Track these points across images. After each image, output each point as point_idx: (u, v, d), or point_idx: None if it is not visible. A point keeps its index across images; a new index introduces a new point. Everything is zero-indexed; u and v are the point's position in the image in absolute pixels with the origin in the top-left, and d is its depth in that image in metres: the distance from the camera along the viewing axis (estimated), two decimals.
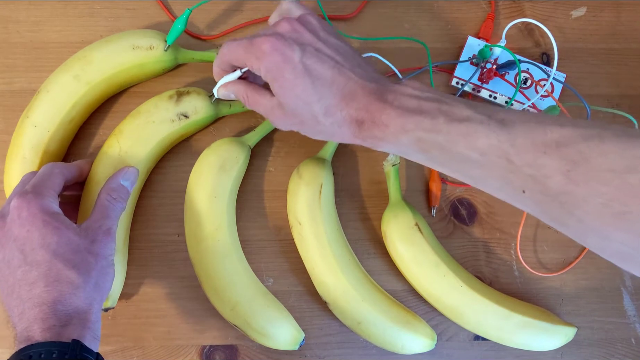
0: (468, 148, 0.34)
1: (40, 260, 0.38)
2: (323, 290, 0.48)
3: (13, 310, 0.38)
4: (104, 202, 0.42)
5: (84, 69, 0.47)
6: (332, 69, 0.38)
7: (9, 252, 0.39)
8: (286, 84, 0.38)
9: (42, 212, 0.39)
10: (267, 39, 0.38)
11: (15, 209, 0.39)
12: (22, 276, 0.38)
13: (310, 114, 0.38)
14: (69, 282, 0.38)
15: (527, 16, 0.55)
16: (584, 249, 0.52)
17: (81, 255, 0.39)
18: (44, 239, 0.38)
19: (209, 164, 0.47)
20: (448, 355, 0.50)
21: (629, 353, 0.51)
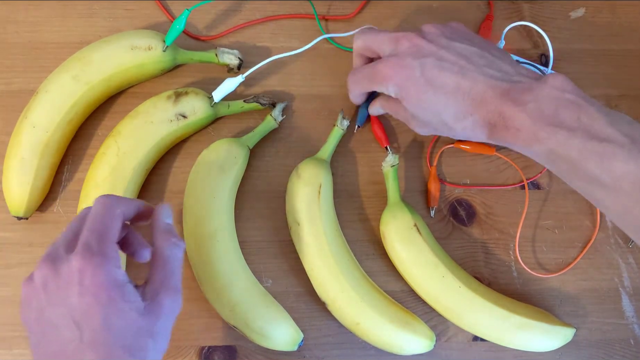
0: (601, 169, 0.33)
1: (99, 343, 0.33)
2: (322, 291, 0.48)
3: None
4: (164, 252, 0.36)
5: (82, 69, 0.47)
6: (456, 74, 0.37)
7: (60, 318, 0.34)
8: (412, 99, 0.39)
9: (108, 285, 0.33)
10: (387, 63, 0.40)
11: (77, 271, 0.33)
12: (76, 352, 0.33)
13: (441, 122, 0.39)
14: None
15: (526, 17, 0.55)
16: (582, 249, 0.52)
17: (141, 340, 0.34)
18: (107, 320, 0.33)
19: (208, 165, 0.47)
20: (447, 355, 0.50)
21: (628, 354, 0.51)
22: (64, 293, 0.34)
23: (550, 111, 0.35)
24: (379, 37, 0.43)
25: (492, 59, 0.39)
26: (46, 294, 0.34)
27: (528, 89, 0.36)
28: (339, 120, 0.49)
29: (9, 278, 0.49)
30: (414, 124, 0.42)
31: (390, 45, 0.41)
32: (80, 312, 0.33)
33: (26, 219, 0.48)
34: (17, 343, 0.48)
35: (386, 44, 0.42)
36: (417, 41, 0.40)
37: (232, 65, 0.51)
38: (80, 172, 0.51)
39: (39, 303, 0.35)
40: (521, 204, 0.52)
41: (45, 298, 0.34)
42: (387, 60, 0.40)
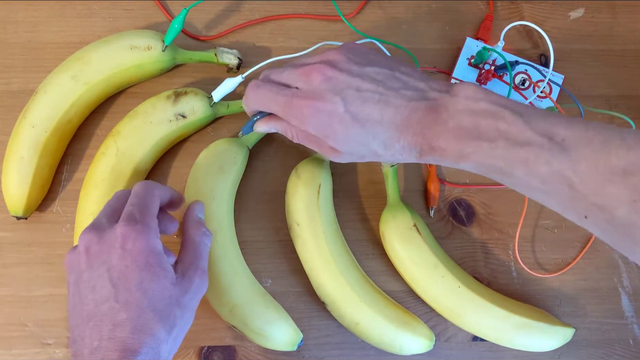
0: (528, 174, 0.33)
1: (132, 303, 0.35)
2: (321, 291, 0.48)
3: (84, 339, 0.35)
4: (195, 238, 0.41)
5: (81, 69, 0.47)
6: (378, 103, 0.37)
7: (98, 278, 0.36)
8: (339, 136, 0.38)
9: (148, 252, 0.37)
10: (305, 102, 0.38)
11: (120, 236, 0.37)
12: (108, 312, 0.35)
13: (369, 151, 0.38)
14: (154, 335, 0.35)
15: (526, 17, 0.55)
16: (582, 249, 0.52)
17: (171, 308, 0.37)
18: (142, 283, 0.36)
19: (207, 165, 0.47)
20: (446, 355, 0.50)
21: (627, 354, 0.51)
22: (105, 256, 0.37)
23: (470, 125, 0.34)
24: (285, 75, 0.40)
25: (405, 79, 0.38)
26: (88, 257, 0.37)
27: (444, 106, 0.36)
28: None
29: (8, 278, 0.49)
30: (333, 155, 0.40)
31: (301, 80, 0.39)
32: (118, 273, 0.36)
33: (25, 218, 0.48)
34: (17, 343, 0.48)
35: (296, 80, 0.39)
36: (330, 73, 0.38)
37: (232, 65, 0.50)
38: (79, 172, 0.51)
39: (80, 266, 0.37)
40: (520, 204, 0.51)
41: (86, 260, 0.37)
42: (304, 98, 0.38)
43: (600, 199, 0.31)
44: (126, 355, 0.34)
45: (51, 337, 0.48)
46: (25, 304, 0.49)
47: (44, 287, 0.49)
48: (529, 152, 0.33)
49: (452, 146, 0.35)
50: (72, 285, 0.38)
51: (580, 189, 0.31)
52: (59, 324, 0.49)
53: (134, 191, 0.40)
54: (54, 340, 0.48)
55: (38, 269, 0.49)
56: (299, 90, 0.39)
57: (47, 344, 0.48)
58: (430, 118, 0.36)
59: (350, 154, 0.39)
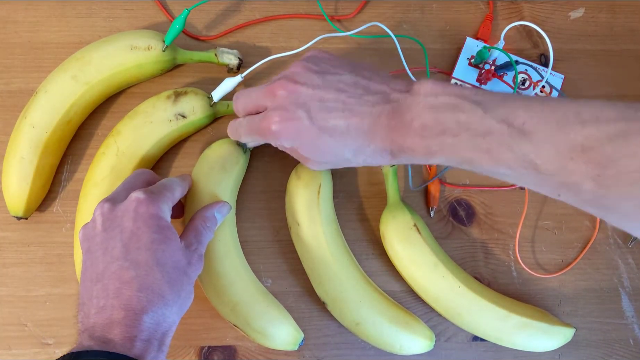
0: (495, 163, 0.34)
1: (141, 262, 0.36)
2: (321, 291, 0.47)
3: (92, 300, 0.36)
4: (199, 227, 0.42)
5: (82, 69, 0.47)
6: (342, 113, 0.37)
7: (111, 240, 0.37)
8: (309, 147, 0.39)
9: (159, 217, 0.38)
10: (271, 118, 0.39)
11: (134, 201, 0.38)
12: (117, 270, 0.36)
13: (342, 159, 0.39)
14: (161, 296, 0.36)
15: (526, 17, 0.55)
16: (582, 249, 0.52)
17: (178, 273, 0.38)
18: (152, 244, 0.37)
19: (209, 165, 0.47)
20: (446, 355, 0.50)
21: (627, 354, 0.51)
22: (118, 220, 0.38)
23: (432, 122, 0.35)
24: (254, 96, 0.42)
25: (367, 83, 0.38)
26: (102, 222, 0.39)
27: (406, 106, 0.36)
28: None
29: (7, 278, 0.49)
30: (310, 164, 0.42)
31: (267, 99, 0.40)
32: (130, 234, 0.37)
33: (25, 218, 0.48)
34: (16, 343, 0.48)
35: (263, 99, 0.41)
36: (291, 87, 0.39)
37: (232, 65, 0.51)
38: (79, 172, 0.51)
39: (94, 232, 0.39)
40: (520, 204, 0.51)
41: (100, 225, 0.39)
42: (270, 116, 0.39)
43: (566, 178, 0.32)
44: (132, 314, 0.35)
45: (51, 337, 0.48)
46: (25, 304, 0.49)
47: (44, 287, 0.49)
48: (491, 141, 0.33)
49: (420, 145, 0.35)
50: (85, 252, 0.39)
51: (545, 171, 0.32)
52: (58, 323, 0.49)
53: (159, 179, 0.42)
54: (53, 340, 0.48)
55: (37, 269, 0.49)
56: (266, 111, 0.40)
57: (46, 344, 0.48)
58: (395, 121, 0.36)
59: (325, 162, 0.41)
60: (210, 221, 0.43)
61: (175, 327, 0.38)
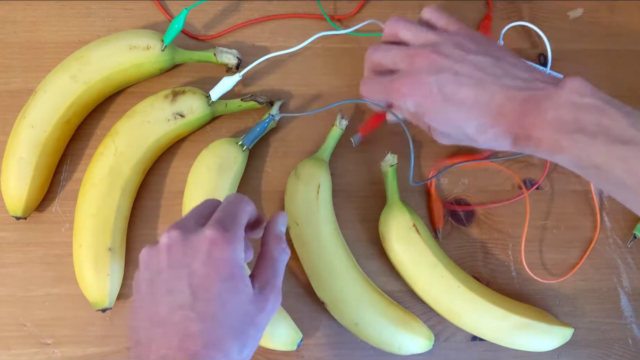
0: (627, 172, 0.33)
1: (209, 315, 0.33)
2: (320, 291, 0.47)
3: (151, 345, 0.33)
4: (274, 253, 0.38)
5: (81, 69, 0.47)
6: (474, 88, 0.37)
7: (176, 281, 0.34)
8: (432, 115, 0.39)
9: (232, 263, 0.35)
10: (403, 81, 0.40)
11: (208, 241, 0.34)
12: (182, 320, 0.33)
13: (464, 135, 0.39)
14: (226, 353, 0.33)
15: (525, 17, 0.55)
16: (582, 249, 0.52)
17: (245, 327, 0.35)
18: (222, 295, 0.34)
19: (207, 165, 0.47)
20: (445, 355, 0.50)
21: (626, 354, 0.51)
22: (188, 259, 0.34)
23: (570, 118, 0.34)
24: (392, 54, 0.42)
25: (508, 68, 0.38)
26: (169, 255, 0.35)
27: (546, 97, 0.36)
28: (337, 120, 0.49)
29: (6, 278, 0.49)
30: (435, 135, 0.42)
31: (405, 62, 0.41)
32: (199, 280, 0.34)
33: (24, 218, 0.48)
34: (16, 343, 0.48)
35: (400, 61, 0.41)
36: (432, 57, 0.39)
37: (231, 65, 0.50)
38: (78, 172, 0.51)
39: (159, 264, 0.35)
40: (520, 204, 0.51)
41: (167, 259, 0.35)
42: (402, 78, 0.40)
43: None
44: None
45: (50, 336, 0.48)
46: (24, 303, 0.49)
47: (43, 286, 0.49)
48: (630, 150, 0.33)
49: (549, 137, 0.35)
50: (146, 283, 0.35)
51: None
52: (57, 323, 0.49)
53: (226, 199, 0.38)
54: (52, 340, 0.48)
55: (36, 269, 0.49)
56: (399, 73, 0.41)
57: (45, 344, 0.48)
58: (528, 107, 0.36)
59: (447, 135, 0.41)
60: (282, 240, 0.39)
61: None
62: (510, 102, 0.36)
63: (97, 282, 0.46)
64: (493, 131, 0.37)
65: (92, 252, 0.46)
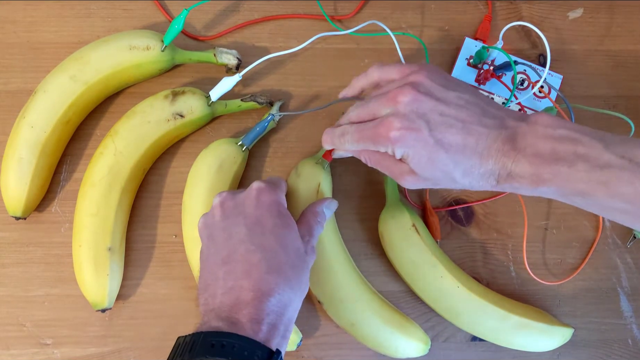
0: (610, 196, 0.34)
1: (267, 245, 0.38)
2: (318, 290, 0.47)
3: (218, 281, 0.37)
4: (311, 221, 0.43)
5: (80, 69, 0.47)
6: (461, 131, 0.37)
7: (235, 226, 0.39)
8: (422, 160, 0.38)
9: (280, 204, 0.41)
10: (391, 124, 0.38)
11: (255, 189, 0.41)
12: (244, 253, 0.38)
13: (448, 178, 0.38)
14: (286, 279, 0.37)
15: (524, 17, 0.55)
16: (581, 249, 0.52)
17: (299, 259, 0.39)
18: (275, 228, 0.39)
19: (207, 165, 0.47)
20: (445, 356, 0.50)
21: (626, 354, 0.51)
22: (240, 207, 0.40)
23: (548, 150, 0.35)
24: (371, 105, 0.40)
25: (485, 106, 0.38)
26: (223, 210, 0.41)
27: (522, 134, 0.36)
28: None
29: (6, 277, 0.49)
30: (408, 179, 0.40)
31: (388, 104, 0.39)
32: (253, 219, 0.39)
33: (24, 219, 0.48)
34: (15, 343, 0.48)
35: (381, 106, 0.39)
36: (415, 96, 0.38)
37: (231, 66, 0.50)
38: (78, 172, 0.51)
39: (215, 218, 0.41)
40: (519, 204, 0.51)
41: (221, 213, 0.41)
42: (390, 121, 0.38)
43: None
44: (259, 294, 0.35)
45: (49, 337, 0.48)
46: (23, 304, 0.49)
47: (42, 287, 0.49)
48: (610, 174, 0.33)
49: (530, 172, 0.35)
50: (206, 239, 0.41)
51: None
52: (57, 323, 0.49)
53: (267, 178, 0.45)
54: (52, 340, 0.48)
55: (36, 269, 0.49)
56: (384, 117, 0.39)
57: (45, 344, 0.48)
58: (508, 146, 0.36)
59: (427, 179, 0.39)
60: (321, 216, 0.44)
61: (295, 316, 0.38)
62: (494, 143, 0.36)
63: (97, 282, 0.46)
64: (479, 172, 0.37)
65: (91, 252, 0.46)
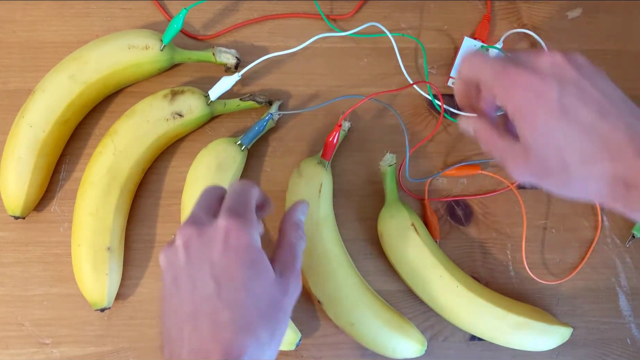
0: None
1: (237, 302, 0.33)
2: (317, 290, 0.47)
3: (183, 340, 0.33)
4: (292, 239, 0.38)
5: (79, 68, 0.47)
6: (595, 112, 0.33)
7: (200, 275, 0.34)
8: (538, 124, 0.33)
9: (251, 249, 0.35)
10: (522, 72, 0.34)
11: (223, 230, 0.34)
12: (210, 311, 0.33)
13: (561, 162, 0.33)
14: (257, 338, 0.33)
15: (523, 17, 0.55)
16: (580, 250, 0.52)
17: (273, 311, 0.35)
18: (246, 282, 0.34)
19: (206, 164, 0.47)
20: (444, 355, 0.50)
21: (625, 353, 0.51)
22: (207, 251, 0.34)
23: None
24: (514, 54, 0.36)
25: (633, 107, 0.34)
26: (187, 252, 0.35)
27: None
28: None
29: (5, 277, 0.49)
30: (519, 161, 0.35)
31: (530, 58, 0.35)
32: (221, 270, 0.34)
33: (23, 218, 0.48)
34: (14, 343, 0.48)
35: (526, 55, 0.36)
36: (561, 61, 0.34)
37: (230, 65, 0.50)
38: (77, 171, 0.51)
39: (178, 263, 0.35)
40: (518, 204, 0.51)
41: (185, 256, 0.35)
42: (523, 68, 0.34)
43: None
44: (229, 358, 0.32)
45: (48, 336, 0.48)
46: (22, 303, 0.49)
47: (41, 286, 0.49)
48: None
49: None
50: (170, 283, 0.36)
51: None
52: (56, 323, 0.49)
53: (232, 187, 0.38)
54: (51, 339, 0.48)
55: (35, 269, 0.49)
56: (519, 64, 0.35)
57: (44, 344, 0.48)
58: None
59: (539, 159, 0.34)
60: (300, 227, 0.39)
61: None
62: (630, 144, 0.32)
63: (96, 282, 0.46)
64: (599, 168, 0.32)
65: (90, 251, 0.46)
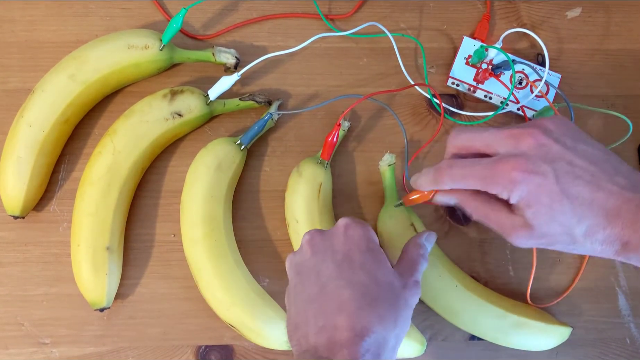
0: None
1: (357, 280, 0.36)
2: None
3: (309, 321, 0.36)
4: (414, 256, 0.41)
5: (79, 68, 0.47)
6: (589, 184, 0.34)
7: (323, 263, 0.38)
8: (543, 209, 0.34)
9: (368, 239, 0.39)
10: (513, 165, 0.34)
11: (343, 225, 0.40)
12: (333, 289, 0.36)
13: (567, 235, 0.35)
14: (379, 316, 0.35)
15: (523, 17, 0.55)
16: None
17: (393, 296, 0.37)
18: (365, 264, 0.37)
19: (205, 164, 0.47)
20: (443, 355, 0.50)
21: (624, 353, 0.51)
22: (328, 243, 0.39)
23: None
24: (486, 135, 0.37)
25: (619, 166, 0.35)
26: (311, 247, 0.40)
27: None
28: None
29: (4, 277, 0.49)
30: (520, 234, 0.36)
31: (507, 143, 0.36)
32: (342, 256, 0.38)
33: (22, 218, 0.48)
34: (13, 343, 0.48)
35: (499, 142, 0.36)
36: (543, 140, 0.35)
37: (229, 65, 0.50)
38: (76, 171, 0.51)
39: (303, 256, 0.40)
40: None
41: (310, 250, 0.40)
42: (512, 161, 0.34)
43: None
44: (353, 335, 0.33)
45: (48, 336, 0.48)
46: (22, 303, 0.49)
47: (41, 286, 0.49)
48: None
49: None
50: (294, 277, 0.40)
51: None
52: (55, 323, 0.49)
53: None
54: (50, 339, 0.48)
55: (34, 268, 0.49)
56: (504, 155, 0.35)
57: (43, 344, 0.48)
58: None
59: (543, 235, 0.35)
60: (423, 248, 0.42)
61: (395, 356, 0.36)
62: (626, 205, 0.33)
63: (95, 282, 0.46)
64: (603, 234, 0.34)
65: (90, 251, 0.46)
